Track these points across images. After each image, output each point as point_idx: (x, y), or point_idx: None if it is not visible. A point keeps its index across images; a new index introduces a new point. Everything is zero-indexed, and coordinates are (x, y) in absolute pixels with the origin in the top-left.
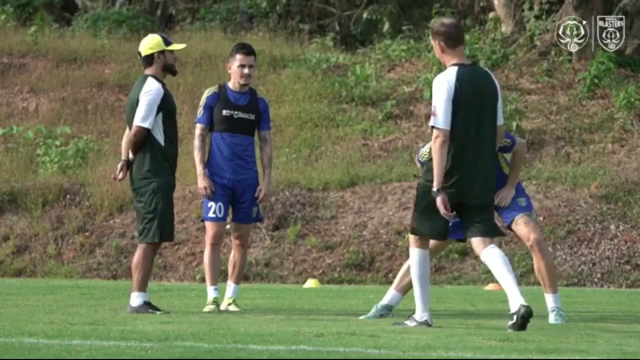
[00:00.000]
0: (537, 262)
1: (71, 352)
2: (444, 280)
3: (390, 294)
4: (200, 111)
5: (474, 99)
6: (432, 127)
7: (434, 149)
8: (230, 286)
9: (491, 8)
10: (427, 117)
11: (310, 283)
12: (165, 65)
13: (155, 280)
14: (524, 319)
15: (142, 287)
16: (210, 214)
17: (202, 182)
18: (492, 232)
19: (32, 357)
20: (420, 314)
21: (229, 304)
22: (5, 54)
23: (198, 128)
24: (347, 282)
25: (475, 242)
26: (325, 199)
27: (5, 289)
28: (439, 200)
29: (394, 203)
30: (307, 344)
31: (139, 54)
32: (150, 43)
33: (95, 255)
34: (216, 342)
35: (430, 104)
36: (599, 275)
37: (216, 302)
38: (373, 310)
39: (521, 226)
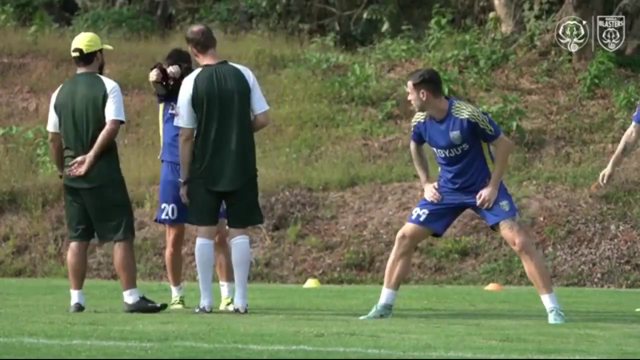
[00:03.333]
0: (527, 265)
1: (71, 352)
2: (444, 280)
3: (385, 293)
4: None
5: (212, 97)
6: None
7: (179, 146)
8: (223, 285)
9: (491, 8)
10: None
11: (310, 283)
12: (101, 65)
13: (156, 280)
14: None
15: (134, 284)
16: (163, 216)
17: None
18: (244, 222)
19: (32, 357)
20: (201, 301)
21: (228, 304)
22: (5, 54)
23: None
24: (347, 282)
25: (230, 229)
26: (326, 199)
27: (6, 289)
28: (182, 191)
29: (394, 203)
30: (307, 344)
31: (80, 50)
32: (91, 40)
33: (95, 255)
34: (216, 342)
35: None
36: (599, 275)
37: (182, 300)
38: (373, 310)
39: (506, 231)
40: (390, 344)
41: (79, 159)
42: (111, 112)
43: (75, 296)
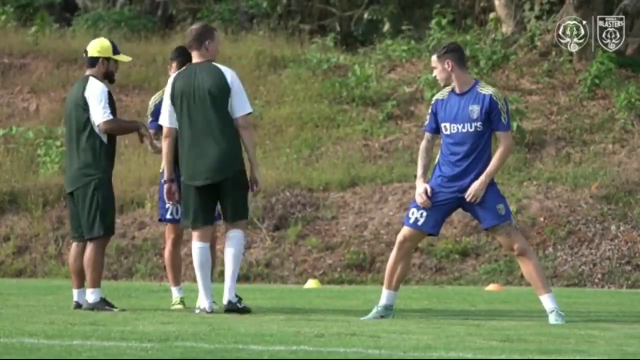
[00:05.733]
0: (525, 267)
1: (71, 353)
2: (445, 281)
3: (385, 294)
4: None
5: (187, 94)
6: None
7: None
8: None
9: (492, 8)
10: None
11: (311, 283)
12: (106, 73)
13: (156, 280)
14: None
15: (97, 284)
16: (168, 215)
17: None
18: (231, 219)
19: (32, 357)
20: (201, 302)
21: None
22: (6, 55)
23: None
24: (348, 282)
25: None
26: (326, 200)
27: (6, 290)
28: (166, 188)
29: (394, 203)
30: (307, 344)
31: (85, 52)
32: (98, 46)
33: None
34: (217, 342)
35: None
36: (599, 275)
37: (182, 301)
38: (374, 311)
39: (503, 236)
40: (390, 344)
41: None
42: (96, 117)
43: (74, 295)
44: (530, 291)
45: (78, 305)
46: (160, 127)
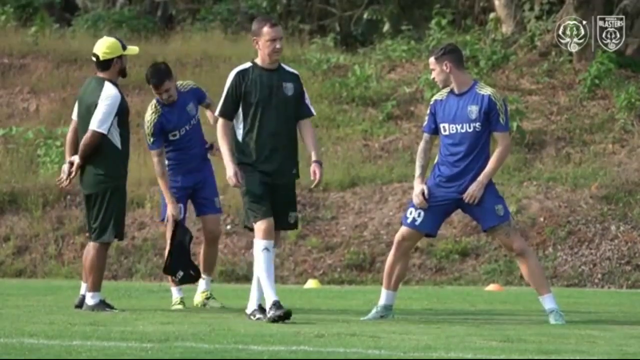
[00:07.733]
0: (525, 267)
1: (72, 353)
2: (445, 281)
3: (384, 294)
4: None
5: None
6: None
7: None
8: (203, 279)
9: (492, 8)
10: None
11: (311, 283)
12: (120, 70)
13: (156, 280)
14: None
15: (98, 287)
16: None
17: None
18: None
19: (32, 357)
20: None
21: (207, 298)
22: (6, 55)
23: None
24: (348, 282)
25: None
26: (326, 200)
27: (6, 290)
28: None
29: (394, 204)
30: (307, 344)
31: (96, 56)
32: (109, 48)
33: None
34: (216, 342)
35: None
36: (599, 275)
37: (182, 301)
38: (373, 311)
39: (502, 237)
40: (390, 344)
41: (64, 167)
42: (93, 122)
43: (82, 288)
44: (530, 291)
45: (83, 298)
46: (162, 145)
